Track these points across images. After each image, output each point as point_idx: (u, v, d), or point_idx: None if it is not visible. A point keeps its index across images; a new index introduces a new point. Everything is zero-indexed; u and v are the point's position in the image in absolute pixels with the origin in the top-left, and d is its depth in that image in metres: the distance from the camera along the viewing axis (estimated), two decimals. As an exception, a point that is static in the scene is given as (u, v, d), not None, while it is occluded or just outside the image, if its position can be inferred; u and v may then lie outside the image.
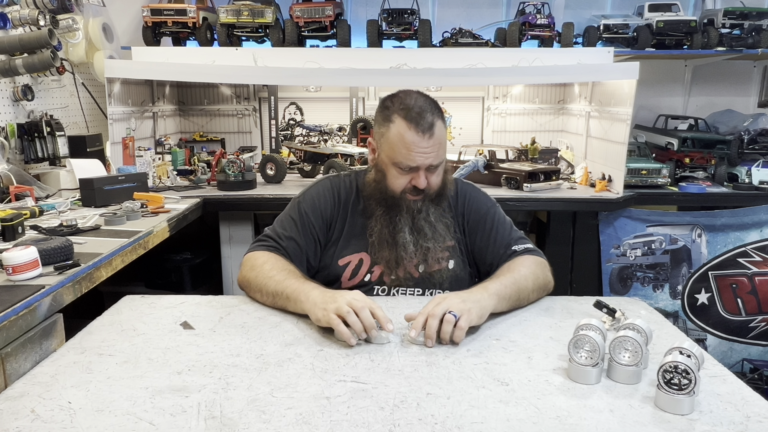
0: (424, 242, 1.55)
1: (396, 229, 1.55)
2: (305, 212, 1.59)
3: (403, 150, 1.48)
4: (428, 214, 1.56)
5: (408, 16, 3.07)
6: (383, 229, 1.56)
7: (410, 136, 1.46)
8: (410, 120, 1.47)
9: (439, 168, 1.54)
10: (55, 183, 2.63)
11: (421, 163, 1.49)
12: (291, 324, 1.31)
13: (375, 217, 1.57)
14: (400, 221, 1.55)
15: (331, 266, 1.59)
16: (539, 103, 3.63)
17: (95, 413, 0.93)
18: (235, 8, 3.03)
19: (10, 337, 1.17)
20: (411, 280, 1.58)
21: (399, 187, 1.54)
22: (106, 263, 1.63)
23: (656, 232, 2.97)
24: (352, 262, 1.58)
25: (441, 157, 1.52)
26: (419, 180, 1.50)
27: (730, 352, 3.09)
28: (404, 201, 1.55)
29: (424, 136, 1.46)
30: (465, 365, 1.11)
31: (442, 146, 1.52)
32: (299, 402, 0.97)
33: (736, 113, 3.43)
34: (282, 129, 3.62)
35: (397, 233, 1.54)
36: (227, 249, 2.88)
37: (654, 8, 3.17)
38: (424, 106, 1.49)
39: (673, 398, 0.94)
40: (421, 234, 1.55)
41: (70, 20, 2.80)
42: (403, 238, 1.54)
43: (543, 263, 1.55)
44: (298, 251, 1.56)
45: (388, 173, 1.54)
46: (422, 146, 1.47)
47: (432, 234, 1.55)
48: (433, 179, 1.54)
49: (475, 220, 1.63)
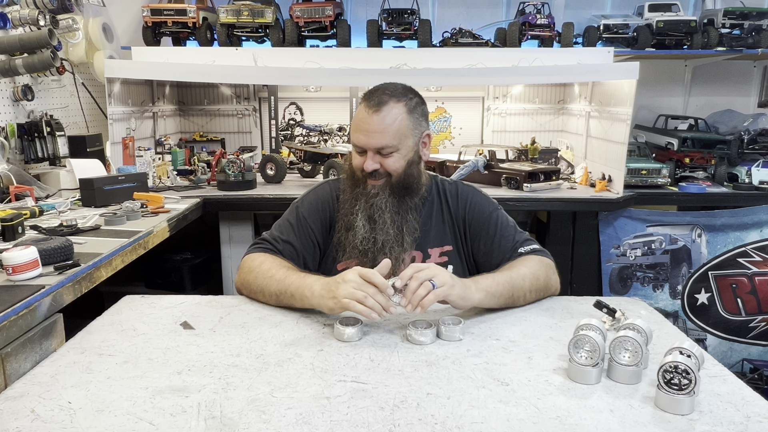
0: (376, 233, 1.51)
1: (352, 212, 1.53)
2: (303, 216, 1.59)
3: (354, 127, 1.51)
4: (385, 204, 1.52)
5: (408, 16, 3.07)
6: (342, 212, 1.56)
7: (360, 112, 1.50)
8: (366, 98, 1.50)
9: (394, 154, 1.49)
10: (55, 183, 2.63)
11: (364, 143, 1.48)
12: (291, 324, 1.31)
13: (341, 198, 1.58)
14: (356, 205, 1.53)
15: (330, 272, 1.58)
16: (539, 103, 3.63)
17: (95, 413, 0.93)
18: (235, 8, 3.03)
19: (10, 337, 1.17)
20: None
21: (356, 167, 1.54)
22: (106, 263, 1.63)
23: (656, 232, 2.97)
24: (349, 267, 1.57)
25: (388, 142, 1.47)
26: (366, 162, 1.49)
27: (730, 352, 3.09)
28: (362, 184, 1.54)
29: (370, 112, 1.46)
30: (465, 365, 1.11)
31: (392, 129, 1.47)
32: (299, 402, 0.97)
33: (736, 113, 3.44)
34: (282, 129, 3.62)
35: (351, 215, 1.53)
36: (227, 249, 2.88)
37: (654, 8, 3.17)
38: (386, 89, 1.50)
39: (673, 398, 0.94)
40: (374, 223, 1.52)
41: (70, 20, 2.80)
42: (355, 223, 1.52)
43: (548, 264, 1.52)
44: (295, 254, 1.55)
45: (353, 155, 1.56)
46: (368, 123, 1.46)
47: (383, 226, 1.51)
48: (389, 164, 1.50)
49: (478, 224, 1.60)
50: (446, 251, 1.60)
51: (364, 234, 1.51)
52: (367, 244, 1.51)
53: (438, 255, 1.59)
